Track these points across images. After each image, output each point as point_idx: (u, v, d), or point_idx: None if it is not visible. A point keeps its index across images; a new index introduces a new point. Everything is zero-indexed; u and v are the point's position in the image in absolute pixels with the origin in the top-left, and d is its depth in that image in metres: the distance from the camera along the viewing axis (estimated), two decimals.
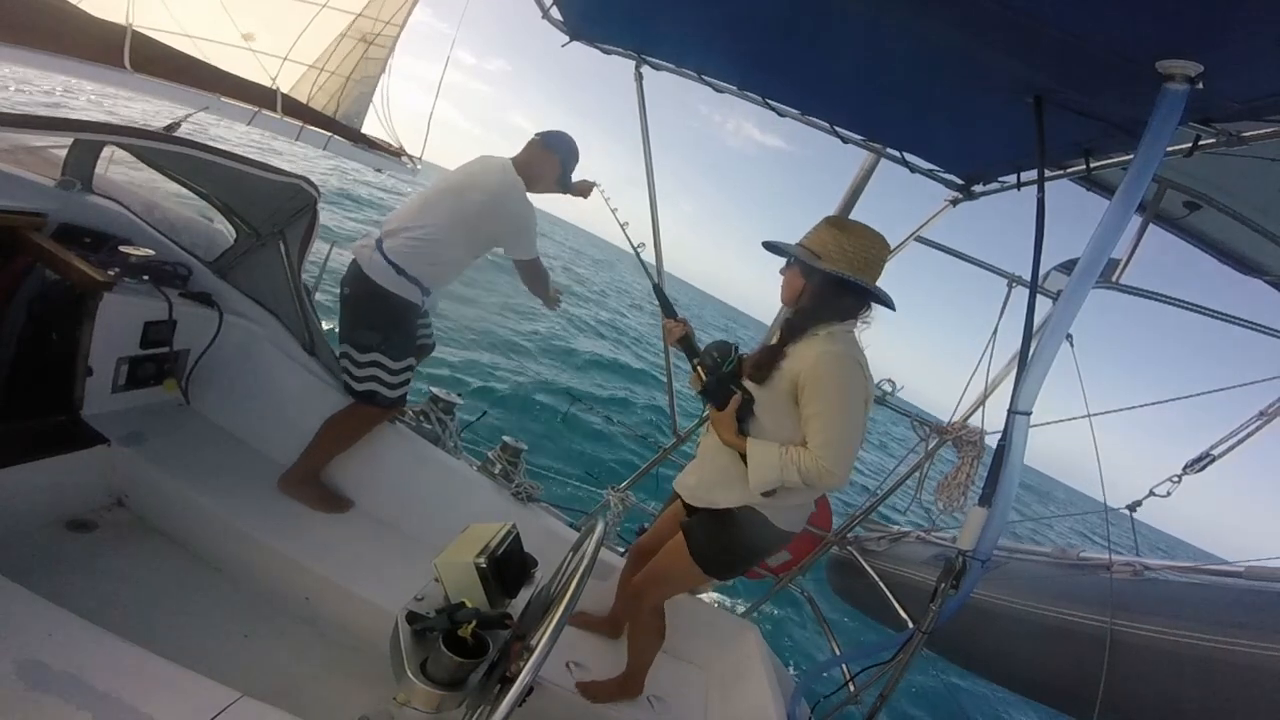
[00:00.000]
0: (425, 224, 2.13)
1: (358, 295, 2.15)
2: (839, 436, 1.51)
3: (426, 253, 2.13)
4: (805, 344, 1.61)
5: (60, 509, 1.89)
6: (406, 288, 2.13)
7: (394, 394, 2.23)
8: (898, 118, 2.30)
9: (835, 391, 1.53)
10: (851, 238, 1.62)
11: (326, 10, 2.53)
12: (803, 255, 1.64)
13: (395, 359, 2.19)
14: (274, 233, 2.48)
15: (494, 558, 1.31)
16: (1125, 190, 1.19)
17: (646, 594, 1.91)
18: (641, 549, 2.13)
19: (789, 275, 1.71)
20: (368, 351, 2.16)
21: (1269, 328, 2.61)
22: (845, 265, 1.59)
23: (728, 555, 1.79)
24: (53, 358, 2.00)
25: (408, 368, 2.25)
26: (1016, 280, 2.79)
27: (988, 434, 2.75)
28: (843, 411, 1.53)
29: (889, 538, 3.04)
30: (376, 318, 2.15)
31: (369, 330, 2.16)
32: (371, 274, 2.10)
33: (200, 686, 1.12)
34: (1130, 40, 1.15)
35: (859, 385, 1.55)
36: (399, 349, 2.20)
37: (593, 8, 2.53)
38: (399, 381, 2.23)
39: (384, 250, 2.12)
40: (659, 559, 1.89)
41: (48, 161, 2.39)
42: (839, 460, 1.50)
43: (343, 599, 1.94)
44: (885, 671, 1.58)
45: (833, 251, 1.61)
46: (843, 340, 1.60)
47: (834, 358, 1.54)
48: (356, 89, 2.84)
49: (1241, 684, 1.71)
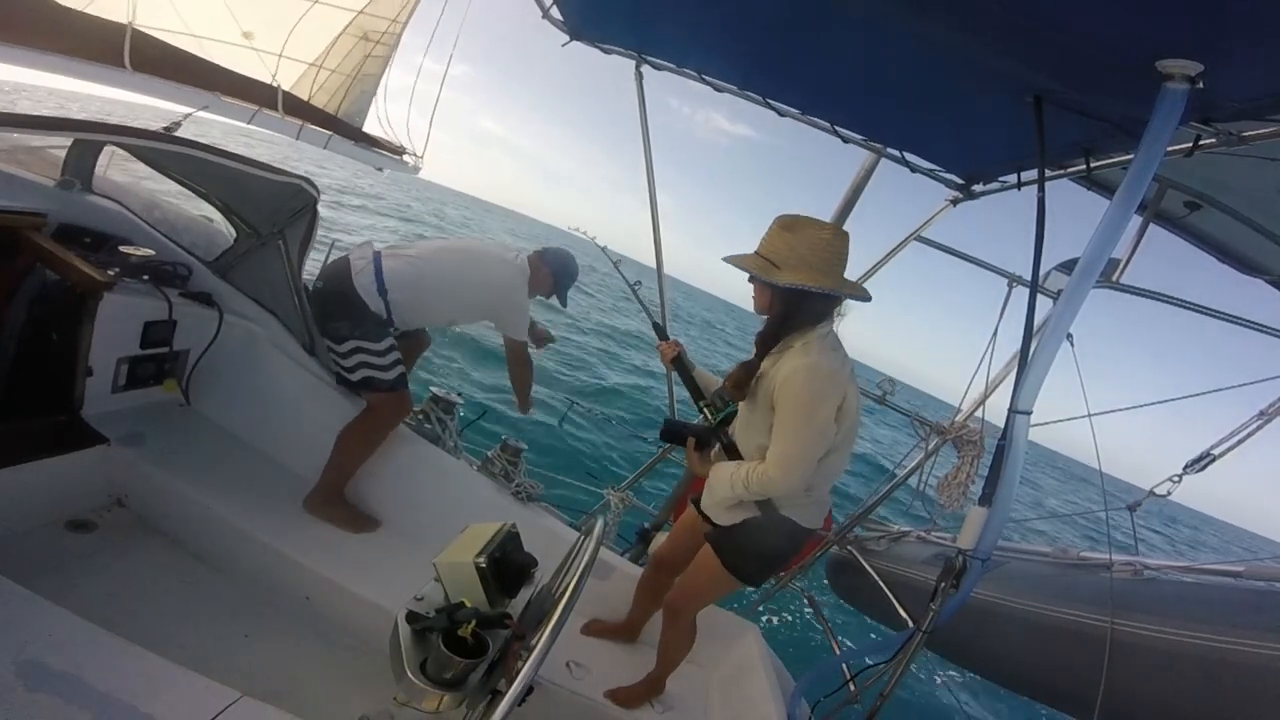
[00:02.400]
0: (430, 269, 2.24)
1: (329, 291, 2.19)
2: (792, 448, 1.56)
3: (414, 288, 2.20)
4: (783, 358, 1.61)
5: (60, 509, 1.89)
6: (378, 305, 2.16)
7: (389, 375, 2.21)
8: (898, 117, 2.30)
9: (797, 405, 1.55)
10: (803, 239, 1.57)
11: (328, 8, 2.52)
12: (760, 272, 1.59)
13: (374, 340, 2.18)
14: (274, 233, 2.48)
15: (494, 558, 1.31)
16: (1125, 190, 1.19)
17: (686, 610, 1.96)
18: (662, 558, 2.17)
19: (756, 286, 1.67)
20: (344, 341, 2.17)
21: (1269, 328, 2.61)
22: (805, 274, 1.55)
23: (759, 560, 1.82)
24: (53, 358, 2.00)
25: (391, 347, 2.23)
26: (1017, 280, 2.79)
27: (987, 434, 2.75)
28: (801, 424, 1.55)
29: (889, 537, 3.03)
30: (341, 309, 2.17)
31: (338, 321, 2.17)
32: (356, 279, 2.14)
33: (200, 686, 1.12)
34: (1130, 40, 1.15)
35: (826, 396, 1.55)
36: (374, 331, 2.19)
37: (593, 8, 2.53)
38: (389, 362, 2.21)
39: (379, 265, 2.16)
40: (693, 576, 1.92)
41: (48, 161, 2.39)
42: (784, 470, 1.55)
43: (343, 599, 1.94)
44: (885, 671, 1.58)
45: (789, 259, 1.57)
46: (816, 349, 1.58)
47: (804, 371, 1.54)
48: (358, 88, 2.83)
49: (1241, 684, 1.71)
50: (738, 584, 1.87)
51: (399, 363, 2.25)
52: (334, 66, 2.66)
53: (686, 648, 2.02)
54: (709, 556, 1.84)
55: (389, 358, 2.21)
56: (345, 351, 2.17)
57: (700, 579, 1.89)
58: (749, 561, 1.81)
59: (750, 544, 1.76)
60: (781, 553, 1.82)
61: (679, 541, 2.11)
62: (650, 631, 2.24)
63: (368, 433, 2.25)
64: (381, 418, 2.26)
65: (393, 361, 2.23)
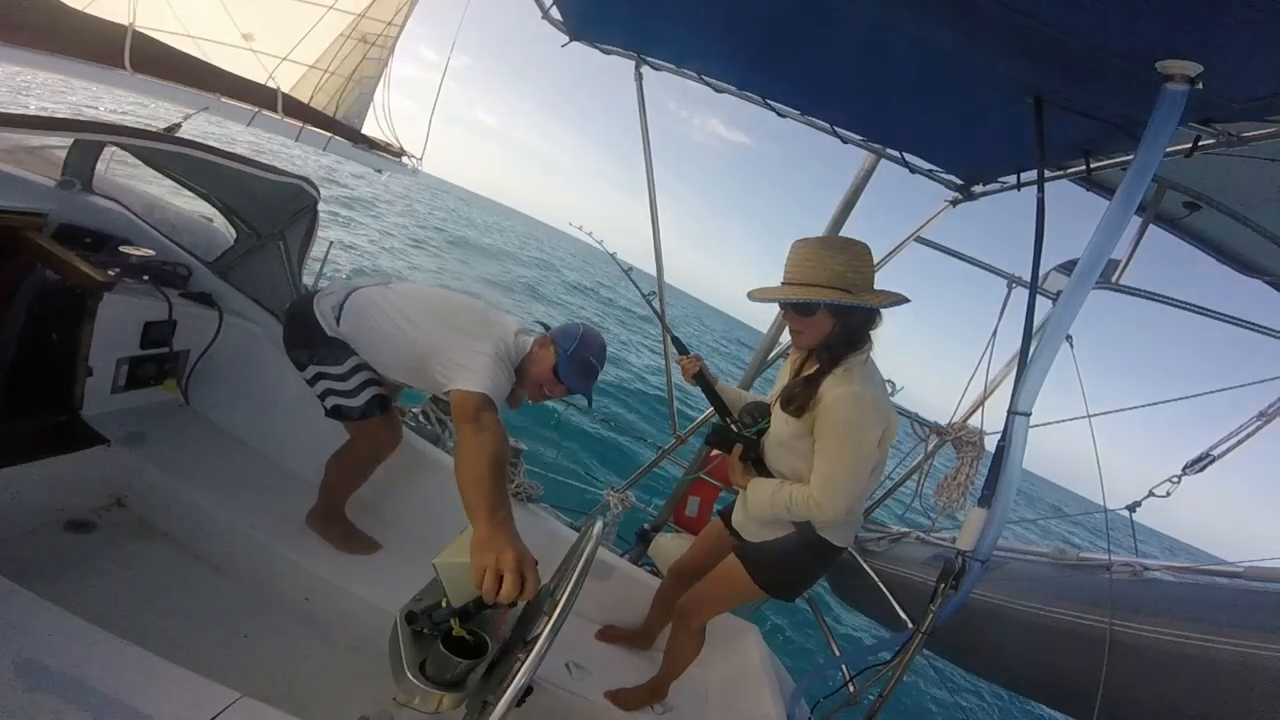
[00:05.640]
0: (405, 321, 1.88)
1: (289, 315, 2.02)
2: (838, 476, 1.54)
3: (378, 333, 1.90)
4: (824, 382, 1.58)
5: (60, 509, 1.89)
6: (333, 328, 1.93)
7: (357, 401, 1.96)
8: (897, 118, 2.30)
9: (845, 433, 1.53)
10: (854, 256, 1.55)
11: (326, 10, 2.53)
12: (839, 299, 1.52)
13: (335, 364, 1.94)
14: (274, 233, 2.49)
15: None
16: (1125, 190, 1.19)
17: (700, 614, 1.96)
18: (683, 568, 2.17)
19: (815, 319, 1.58)
20: (305, 368, 1.96)
21: (1269, 328, 2.61)
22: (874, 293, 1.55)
23: (792, 575, 1.82)
24: (53, 358, 2.00)
25: (355, 368, 1.95)
26: (1016, 281, 2.79)
27: (987, 434, 2.75)
28: (848, 453, 1.53)
29: (889, 538, 3.03)
30: (299, 333, 1.97)
31: (299, 348, 1.97)
32: (317, 304, 1.94)
33: (200, 686, 1.11)
34: (1130, 40, 1.15)
35: (872, 425, 1.53)
36: (331, 355, 1.94)
37: (593, 8, 2.53)
38: (353, 386, 1.95)
39: (349, 294, 1.96)
40: (716, 584, 1.91)
41: (48, 161, 2.39)
42: (832, 497, 1.54)
43: (343, 599, 1.94)
44: (885, 672, 1.58)
45: (857, 281, 1.53)
46: (860, 375, 1.56)
47: (851, 400, 1.52)
48: (356, 89, 2.84)
49: (1241, 684, 1.71)
50: (762, 597, 1.86)
51: (368, 386, 1.97)
52: (333, 69, 2.67)
53: (694, 654, 2.02)
54: (735, 567, 1.83)
55: (353, 381, 1.95)
56: (310, 379, 1.97)
57: (721, 588, 1.89)
58: (781, 577, 1.81)
59: (782, 560, 1.76)
60: (812, 570, 1.82)
61: (701, 554, 2.11)
62: (659, 638, 2.25)
63: (349, 467, 2.10)
64: (359, 451, 2.07)
65: (358, 385, 1.95)
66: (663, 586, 2.28)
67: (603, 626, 2.34)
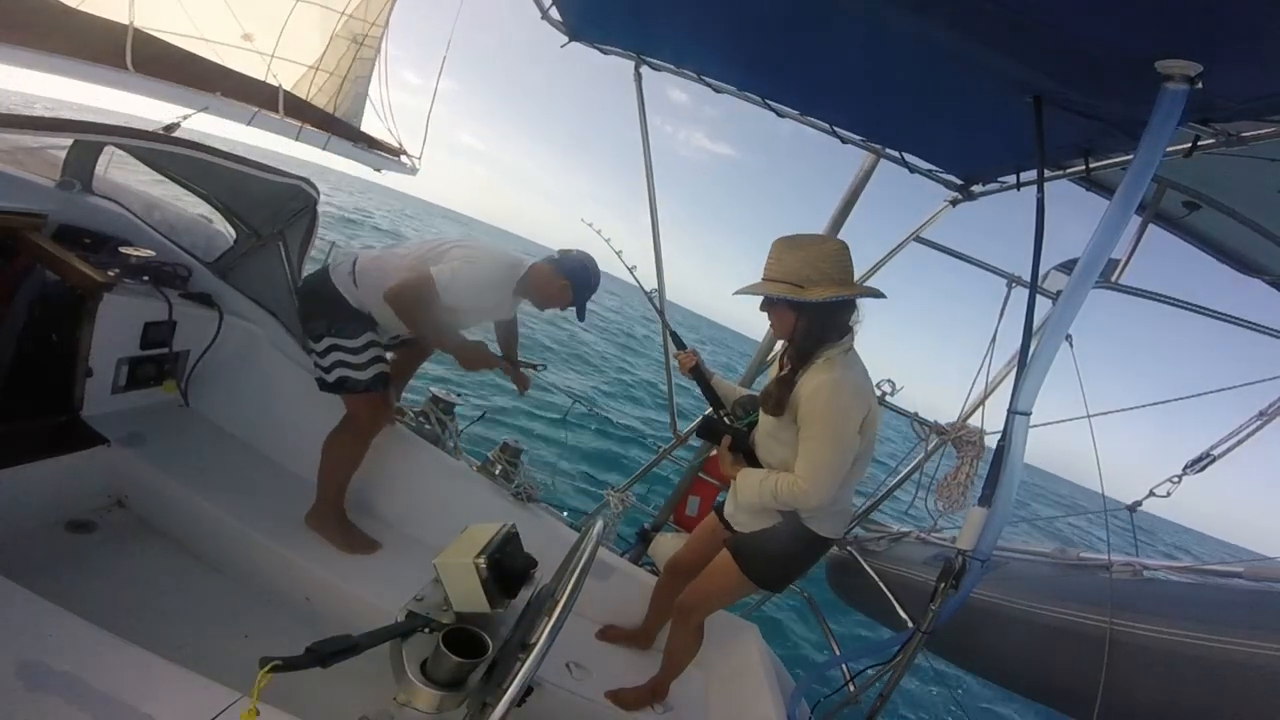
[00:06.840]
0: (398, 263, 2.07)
1: (307, 290, 2.16)
2: (822, 462, 1.56)
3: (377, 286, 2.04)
4: (806, 373, 1.62)
5: (60, 510, 1.89)
6: (355, 297, 2.09)
7: (365, 374, 2.08)
8: (897, 118, 2.30)
9: (825, 420, 1.56)
10: (818, 253, 1.59)
11: (320, 10, 2.53)
12: (788, 294, 1.59)
13: (351, 337, 2.08)
14: (274, 233, 2.48)
15: (494, 558, 1.31)
16: (1125, 190, 1.19)
17: (697, 611, 1.97)
18: (679, 564, 2.18)
19: (778, 312, 1.66)
20: (321, 339, 2.08)
21: (1269, 328, 2.61)
22: (833, 286, 1.57)
23: (780, 568, 1.84)
24: (53, 359, 2.00)
25: (369, 344, 2.10)
26: (1016, 280, 2.79)
27: (987, 434, 2.75)
28: (829, 439, 1.56)
29: (889, 538, 3.03)
30: (321, 306, 2.10)
31: (315, 320, 2.10)
32: (333, 273, 2.09)
33: (200, 686, 1.11)
34: (1130, 40, 1.15)
35: (851, 410, 1.56)
36: (349, 327, 2.08)
37: (592, 8, 2.53)
38: (365, 360, 2.09)
39: (356, 261, 2.10)
40: (709, 579, 1.93)
41: (48, 162, 2.39)
42: (817, 483, 1.56)
43: (343, 599, 1.94)
44: (885, 671, 1.59)
45: (812, 275, 1.58)
46: (840, 364, 1.60)
47: (829, 386, 1.55)
48: (353, 88, 2.84)
49: (1241, 684, 1.71)
50: (753, 589, 1.88)
51: (377, 362, 2.12)
52: (330, 68, 2.67)
53: (693, 651, 2.03)
54: (727, 561, 1.85)
55: (365, 355, 2.09)
56: (322, 350, 2.08)
57: (716, 583, 1.91)
58: (768, 568, 1.83)
59: (770, 551, 1.78)
60: (800, 561, 1.84)
61: (697, 548, 2.12)
62: (658, 638, 2.25)
63: (348, 441, 2.15)
64: (359, 423, 2.15)
65: (369, 360, 2.10)
66: (659, 583, 2.29)
67: (603, 626, 2.34)
